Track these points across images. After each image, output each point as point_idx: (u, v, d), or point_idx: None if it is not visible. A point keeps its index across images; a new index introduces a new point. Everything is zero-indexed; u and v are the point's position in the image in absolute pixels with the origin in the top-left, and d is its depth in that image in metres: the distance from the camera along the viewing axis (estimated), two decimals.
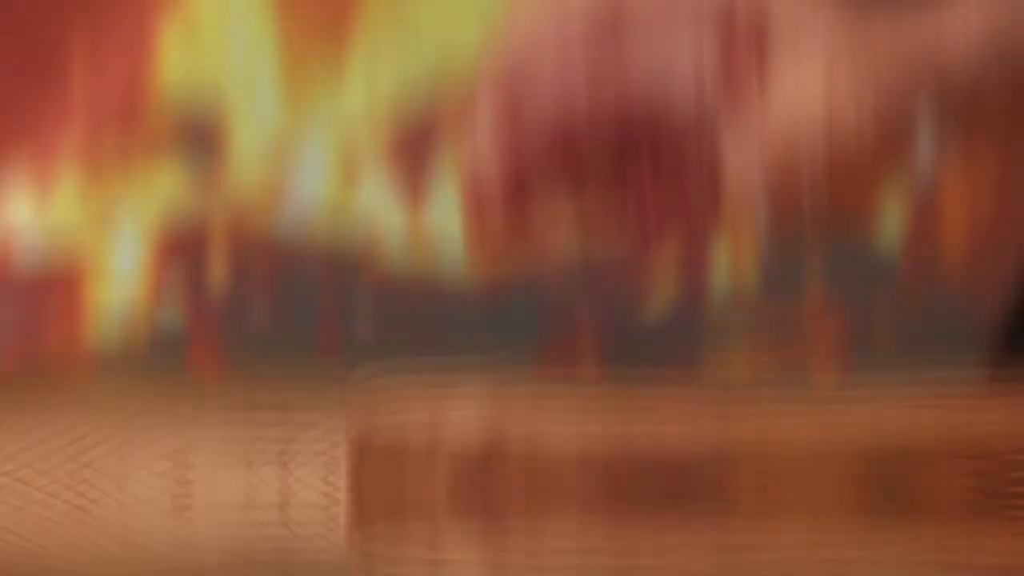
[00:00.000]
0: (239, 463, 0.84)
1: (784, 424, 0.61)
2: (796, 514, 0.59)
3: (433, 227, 1.19)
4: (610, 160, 0.76)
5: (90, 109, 1.89)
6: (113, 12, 1.82)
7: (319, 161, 1.72)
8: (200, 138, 1.89)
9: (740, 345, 0.69)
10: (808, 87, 0.75)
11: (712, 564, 0.57)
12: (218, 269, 1.81)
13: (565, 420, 0.62)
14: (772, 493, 0.59)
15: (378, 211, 1.47)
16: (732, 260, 0.75)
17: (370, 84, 1.61)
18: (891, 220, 0.84)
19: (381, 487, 0.63)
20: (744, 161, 0.74)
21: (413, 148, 1.12)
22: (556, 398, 0.67)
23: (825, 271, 0.89)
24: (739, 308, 0.69)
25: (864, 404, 0.71)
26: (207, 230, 1.84)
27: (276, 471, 0.78)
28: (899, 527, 0.63)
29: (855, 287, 0.80)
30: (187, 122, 1.90)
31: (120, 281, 1.84)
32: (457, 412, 0.61)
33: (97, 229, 1.86)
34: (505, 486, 0.59)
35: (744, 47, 0.72)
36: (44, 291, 1.85)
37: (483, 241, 0.90)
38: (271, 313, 1.83)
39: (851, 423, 0.62)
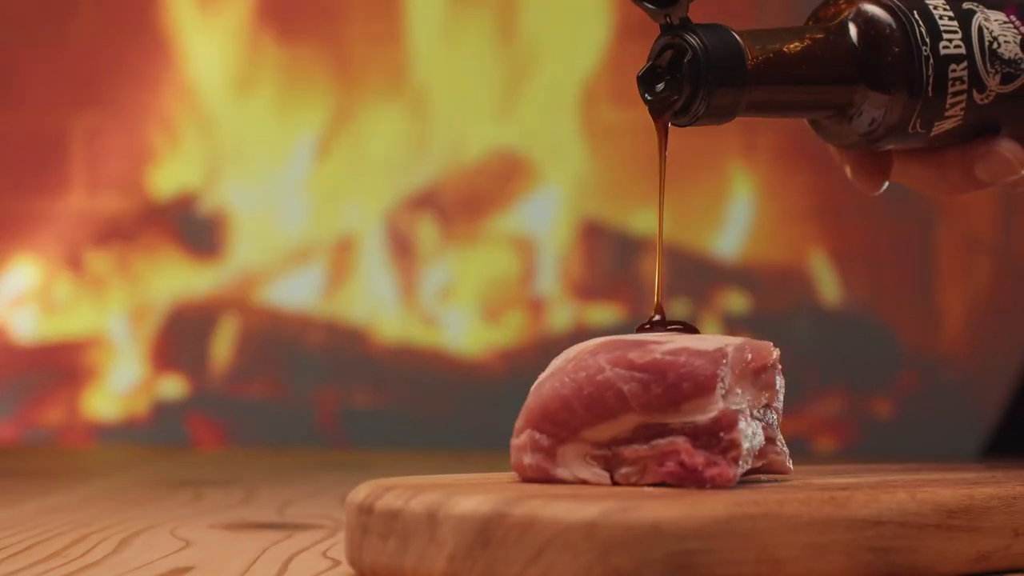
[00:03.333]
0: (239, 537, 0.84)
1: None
2: None
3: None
4: None
5: (92, 185, 1.89)
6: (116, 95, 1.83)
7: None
8: (201, 216, 1.89)
9: None
10: None
11: None
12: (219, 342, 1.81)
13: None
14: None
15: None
16: None
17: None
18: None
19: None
20: None
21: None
22: None
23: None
24: None
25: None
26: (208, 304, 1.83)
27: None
28: None
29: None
30: (188, 199, 1.90)
31: (122, 353, 1.84)
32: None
33: (98, 302, 1.86)
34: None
35: None
36: (45, 362, 1.84)
37: None
38: (271, 384, 1.83)
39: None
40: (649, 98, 0.69)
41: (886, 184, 0.77)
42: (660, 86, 0.69)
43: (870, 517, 0.62)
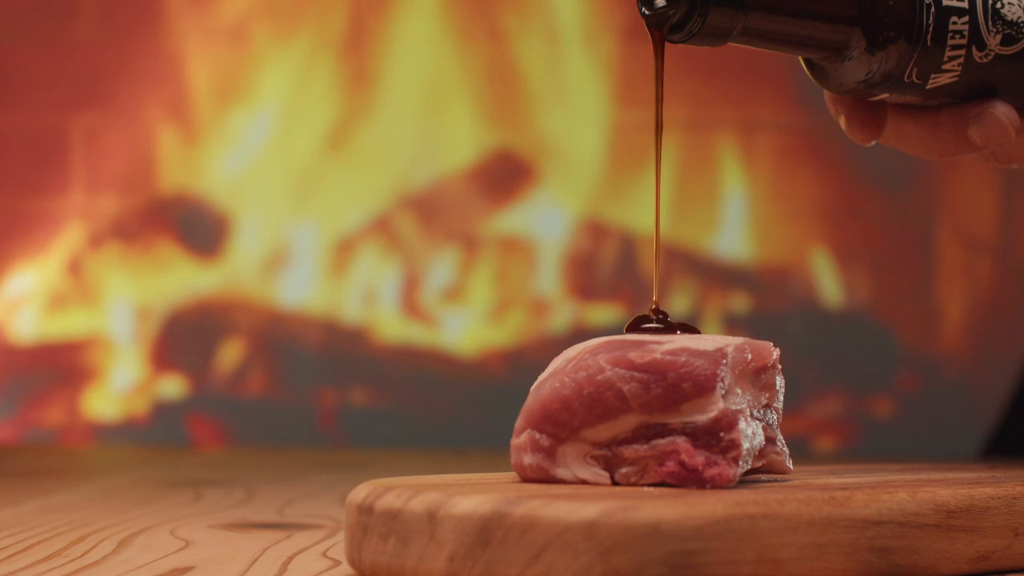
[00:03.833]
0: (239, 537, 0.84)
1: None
2: None
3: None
4: None
5: (92, 185, 1.89)
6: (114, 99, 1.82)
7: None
8: (201, 216, 1.89)
9: None
10: None
11: None
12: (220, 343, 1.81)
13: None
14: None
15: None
16: None
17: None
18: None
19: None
20: None
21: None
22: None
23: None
24: None
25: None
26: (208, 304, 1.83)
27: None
28: None
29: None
30: (188, 200, 1.90)
31: (121, 353, 1.84)
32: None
33: (98, 302, 1.86)
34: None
35: None
36: (45, 362, 1.84)
37: None
38: (270, 383, 1.83)
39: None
40: (647, 12, 0.70)
41: (875, 140, 0.76)
42: (660, 1, 0.70)
43: (870, 517, 0.62)
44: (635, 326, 0.69)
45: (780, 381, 0.68)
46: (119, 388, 1.85)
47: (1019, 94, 0.74)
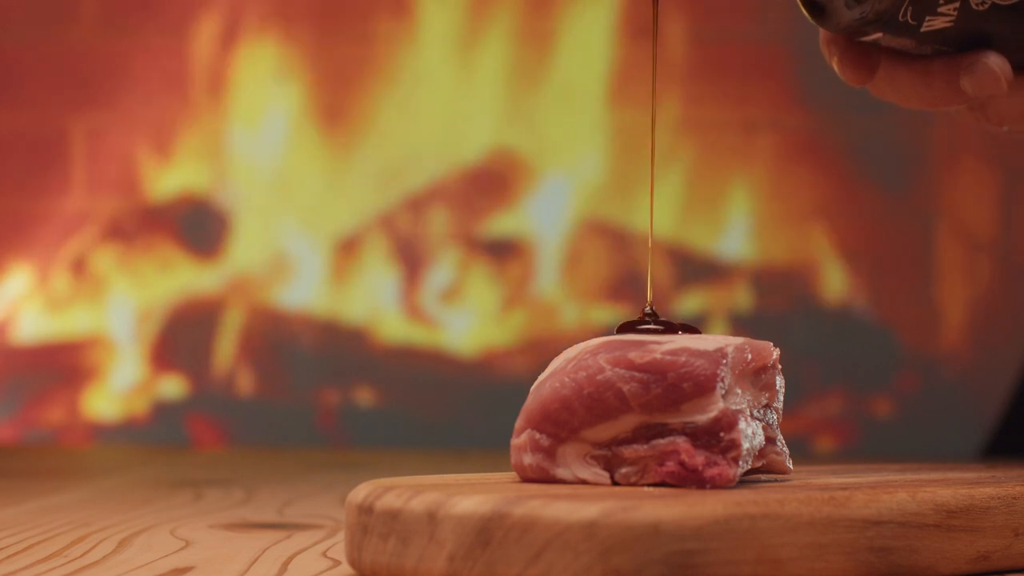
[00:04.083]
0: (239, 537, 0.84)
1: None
2: None
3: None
4: None
5: (92, 185, 1.89)
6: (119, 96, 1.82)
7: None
8: (201, 216, 1.89)
9: None
10: None
11: None
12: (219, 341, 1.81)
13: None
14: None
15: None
16: None
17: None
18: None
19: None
20: None
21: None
22: None
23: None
24: None
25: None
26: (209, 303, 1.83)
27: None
28: None
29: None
30: (189, 200, 1.90)
31: (121, 353, 1.84)
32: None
33: (98, 302, 1.86)
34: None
35: None
36: (45, 362, 1.84)
37: None
38: (270, 383, 1.83)
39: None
40: None
41: (866, 84, 0.76)
42: None
43: (870, 517, 0.62)
44: (625, 330, 0.69)
45: (780, 381, 0.68)
46: (119, 388, 1.85)
47: (1014, 47, 0.73)
